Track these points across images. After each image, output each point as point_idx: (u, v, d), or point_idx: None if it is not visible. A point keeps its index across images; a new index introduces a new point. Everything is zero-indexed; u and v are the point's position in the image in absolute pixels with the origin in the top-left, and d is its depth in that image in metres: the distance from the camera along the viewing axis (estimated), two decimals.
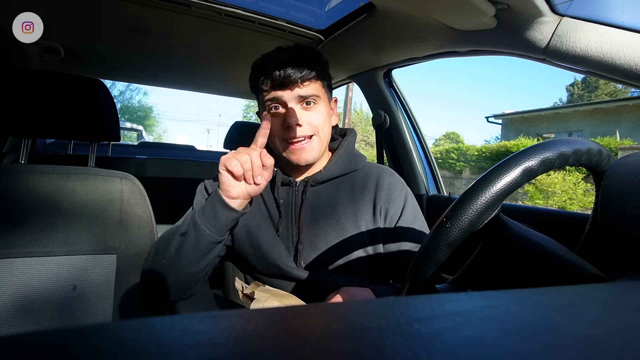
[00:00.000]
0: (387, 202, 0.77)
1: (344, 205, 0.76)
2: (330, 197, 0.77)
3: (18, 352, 0.12)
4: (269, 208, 0.78)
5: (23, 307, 0.71)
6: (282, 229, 0.75)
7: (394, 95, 1.39)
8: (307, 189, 0.76)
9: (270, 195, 0.78)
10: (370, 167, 0.82)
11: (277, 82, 0.70)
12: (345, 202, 0.76)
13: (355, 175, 0.80)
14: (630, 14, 0.62)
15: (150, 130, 25.46)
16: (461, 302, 0.19)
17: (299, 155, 0.73)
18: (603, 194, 0.32)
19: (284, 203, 0.76)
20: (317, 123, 0.73)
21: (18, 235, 0.71)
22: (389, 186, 0.79)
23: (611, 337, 0.16)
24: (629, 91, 17.21)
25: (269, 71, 0.71)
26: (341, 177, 0.79)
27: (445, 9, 0.80)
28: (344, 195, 0.77)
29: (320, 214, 0.75)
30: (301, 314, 0.18)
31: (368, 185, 0.79)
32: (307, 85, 0.72)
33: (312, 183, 0.77)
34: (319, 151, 0.75)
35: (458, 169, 11.49)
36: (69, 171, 0.78)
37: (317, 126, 0.73)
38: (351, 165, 0.79)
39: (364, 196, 0.77)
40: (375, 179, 0.79)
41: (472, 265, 0.51)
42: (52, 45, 1.30)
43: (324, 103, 0.76)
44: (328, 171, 0.77)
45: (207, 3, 1.00)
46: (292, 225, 0.75)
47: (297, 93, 0.71)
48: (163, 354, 0.12)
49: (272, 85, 0.71)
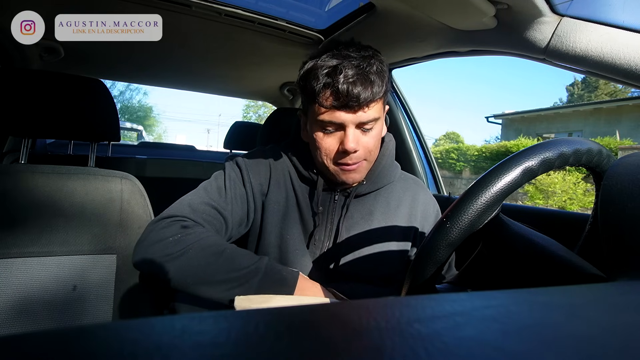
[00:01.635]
0: (423, 220, 0.77)
1: (378, 219, 0.74)
2: (366, 209, 0.74)
3: (18, 352, 0.12)
4: (303, 216, 0.72)
5: (23, 307, 0.71)
6: (316, 239, 0.72)
7: (394, 95, 1.39)
8: (349, 201, 0.72)
9: (308, 203, 0.73)
10: (405, 180, 0.81)
11: (341, 102, 0.62)
12: (380, 216, 0.74)
13: (391, 187, 0.77)
14: (630, 14, 0.62)
15: (150, 130, 25.45)
16: (461, 302, 0.19)
17: (349, 176, 0.69)
18: (603, 194, 0.32)
19: (321, 212, 0.72)
20: (372, 146, 0.68)
21: (18, 235, 0.71)
22: (425, 204, 0.78)
23: (611, 336, 0.16)
24: (629, 91, 17.22)
25: (334, 85, 0.62)
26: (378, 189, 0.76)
27: (445, 9, 0.80)
28: (380, 208, 0.75)
29: (355, 226, 0.73)
30: (301, 314, 0.18)
31: (403, 200, 0.77)
32: (372, 107, 0.64)
33: (354, 195, 0.73)
34: (367, 170, 0.72)
35: (458, 169, 11.50)
36: (68, 171, 0.78)
37: (371, 149, 0.69)
38: (389, 177, 0.77)
39: (398, 211, 0.76)
40: (410, 195, 0.78)
41: (472, 265, 0.51)
42: (52, 45, 1.30)
43: (381, 121, 0.70)
44: (370, 184, 0.73)
45: (207, 3, 1.00)
46: (326, 236, 0.72)
47: (359, 119, 0.64)
48: (163, 354, 0.12)
49: (334, 103, 0.63)
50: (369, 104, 0.64)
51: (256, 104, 23.41)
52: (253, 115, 24.98)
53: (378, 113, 0.66)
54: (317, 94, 0.64)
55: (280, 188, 0.74)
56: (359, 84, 0.61)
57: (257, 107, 24.40)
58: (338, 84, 0.61)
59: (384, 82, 0.65)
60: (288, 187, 0.74)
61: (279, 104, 2.13)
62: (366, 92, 0.62)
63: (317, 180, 0.72)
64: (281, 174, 0.75)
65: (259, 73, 1.66)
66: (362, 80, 0.62)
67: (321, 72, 0.63)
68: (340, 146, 0.66)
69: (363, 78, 0.62)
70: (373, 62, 0.64)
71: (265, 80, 1.78)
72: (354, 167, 0.68)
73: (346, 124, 0.64)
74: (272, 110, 1.40)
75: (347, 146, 0.64)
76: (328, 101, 0.63)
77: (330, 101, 0.63)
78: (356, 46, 0.67)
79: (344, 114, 0.63)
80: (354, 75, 0.62)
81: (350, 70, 0.62)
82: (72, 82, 0.83)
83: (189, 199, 0.68)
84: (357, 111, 0.63)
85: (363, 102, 0.62)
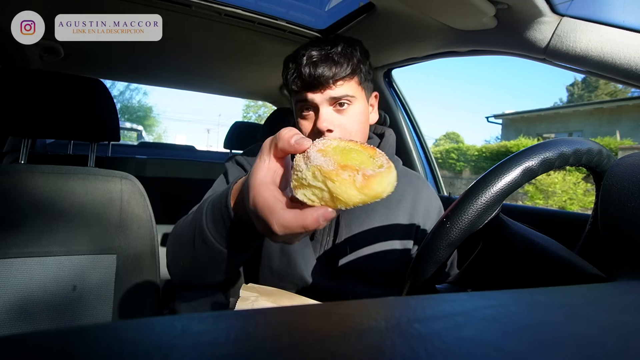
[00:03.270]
0: (425, 216, 0.76)
1: (380, 213, 0.73)
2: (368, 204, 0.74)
3: (18, 352, 0.12)
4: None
5: (23, 307, 0.71)
6: (316, 234, 0.71)
7: (394, 95, 1.39)
8: None
9: None
10: (407, 175, 0.80)
11: (306, 83, 0.64)
12: (382, 210, 0.74)
13: None
14: (630, 14, 0.62)
15: (150, 130, 25.46)
16: (461, 302, 0.19)
17: None
18: (603, 194, 0.32)
19: None
20: (350, 127, 0.67)
21: (17, 236, 0.71)
22: (427, 200, 0.78)
23: (611, 336, 0.16)
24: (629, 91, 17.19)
25: (298, 69, 0.65)
26: None
27: (445, 9, 0.80)
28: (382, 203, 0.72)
29: (356, 221, 0.73)
30: (301, 314, 0.18)
31: (405, 195, 0.76)
32: (340, 85, 0.65)
33: None
34: None
35: (458, 169, 11.50)
36: (68, 171, 0.78)
37: (350, 130, 0.67)
38: None
39: (400, 206, 0.75)
40: (413, 190, 0.77)
41: (472, 265, 0.51)
42: (52, 45, 1.30)
43: (360, 102, 0.69)
44: None
45: (207, 3, 1.00)
46: (326, 231, 0.72)
47: (328, 95, 0.65)
48: (163, 354, 0.12)
49: (302, 85, 0.65)
50: (336, 82, 0.65)
51: (256, 104, 23.40)
52: (253, 115, 24.98)
53: (351, 91, 0.67)
54: (289, 83, 0.67)
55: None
56: (320, 64, 0.64)
57: (257, 107, 24.40)
58: (301, 66, 0.64)
59: (350, 62, 0.66)
60: None
61: (279, 104, 2.13)
62: (329, 70, 0.63)
63: None
64: None
65: (259, 73, 1.66)
66: (324, 59, 0.64)
67: (289, 61, 0.67)
68: (314, 127, 0.66)
69: (325, 58, 0.64)
70: (339, 44, 0.66)
71: (265, 80, 1.78)
72: None
73: (317, 104, 0.66)
74: (272, 110, 1.40)
75: (319, 125, 0.65)
76: (297, 85, 0.66)
77: (298, 84, 0.66)
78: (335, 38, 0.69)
79: (311, 94, 0.65)
80: (316, 57, 0.64)
81: (313, 52, 0.65)
82: (72, 82, 0.83)
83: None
84: (325, 90, 0.65)
85: (326, 80, 0.64)
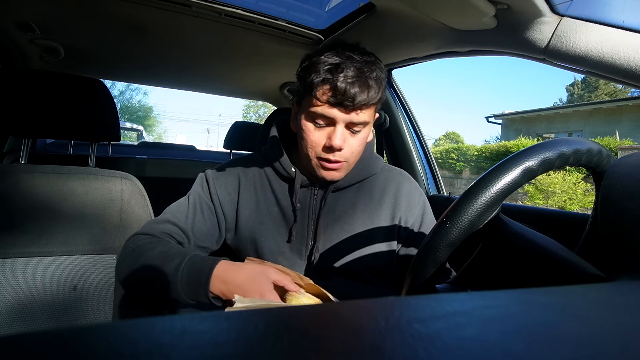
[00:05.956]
0: (407, 210, 0.77)
1: (362, 211, 0.75)
2: (348, 202, 0.75)
3: (18, 352, 0.12)
4: (283, 211, 0.74)
5: (23, 307, 0.71)
6: (297, 234, 0.72)
7: (394, 95, 1.39)
8: (327, 194, 0.74)
9: (287, 198, 0.74)
10: (388, 171, 0.81)
11: (337, 99, 0.63)
12: (364, 207, 0.75)
13: (374, 179, 0.78)
14: (630, 14, 0.62)
15: (150, 130, 25.45)
16: (461, 302, 0.19)
17: (328, 174, 0.70)
18: (603, 194, 0.32)
19: (300, 207, 0.73)
20: (355, 149, 0.69)
21: (18, 236, 0.71)
22: (409, 193, 0.78)
23: (611, 337, 0.16)
24: (629, 91, 17.22)
25: (333, 82, 0.62)
26: (360, 182, 0.77)
27: (445, 9, 0.80)
28: (363, 200, 0.76)
29: (337, 219, 0.74)
30: (301, 314, 0.18)
31: (387, 191, 0.77)
32: (365, 111, 0.65)
33: (333, 189, 0.74)
34: (347, 171, 0.72)
35: (458, 169, 11.50)
36: (69, 171, 0.78)
37: (354, 152, 0.69)
38: (370, 170, 0.77)
39: (382, 202, 0.76)
40: (394, 185, 0.78)
41: (472, 265, 0.51)
42: (52, 45, 1.30)
43: (370, 125, 0.71)
44: (350, 177, 0.74)
45: (207, 3, 1.00)
46: (307, 230, 0.73)
47: (351, 119, 0.65)
48: (163, 354, 0.12)
49: (330, 99, 0.63)
50: (362, 108, 0.65)
51: (256, 104, 23.42)
52: (253, 115, 25.00)
53: (369, 118, 0.68)
54: (315, 87, 0.64)
55: (252, 193, 0.76)
56: (357, 86, 0.62)
57: (257, 107, 24.42)
58: (337, 81, 0.62)
59: (380, 90, 0.66)
60: (265, 189, 0.76)
61: (279, 104, 2.13)
62: (362, 95, 0.63)
63: (294, 177, 0.73)
64: (253, 180, 0.77)
65: (259, 73, 1.66)
66: (361, 82, 0.63)
67: (323, 67, 0.64)
68: (328, 141, 0.66)
69: (362, 81, 0.63)
70: (374, 69, 0.65)
71: (265, 80, 1.78)
72: (335, 166, 0.69)
73: (337, 121, 0.65)
74: (272, 110, 1.40)
75: (334, 142, 0.65)
76: (324, 96, 0.64)
77: (326, 97, 0.64)
78: (360, 50, 0.68)
79: (337, 111, 0.64)
80: (354, 77, 0.62)
81: (350, 71, 0.63)
82: (72, 82, 0.83)
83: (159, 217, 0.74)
84: (350, 112, 0.64)
85: (357, 104, 0.63)
